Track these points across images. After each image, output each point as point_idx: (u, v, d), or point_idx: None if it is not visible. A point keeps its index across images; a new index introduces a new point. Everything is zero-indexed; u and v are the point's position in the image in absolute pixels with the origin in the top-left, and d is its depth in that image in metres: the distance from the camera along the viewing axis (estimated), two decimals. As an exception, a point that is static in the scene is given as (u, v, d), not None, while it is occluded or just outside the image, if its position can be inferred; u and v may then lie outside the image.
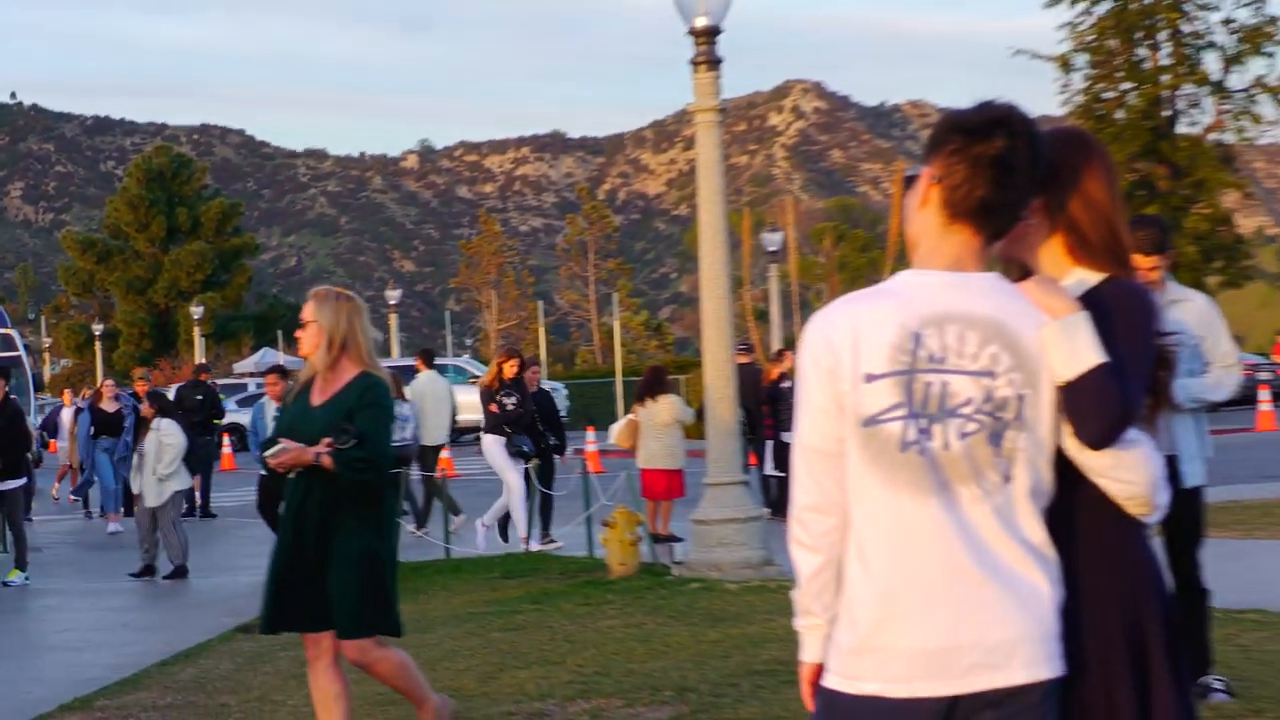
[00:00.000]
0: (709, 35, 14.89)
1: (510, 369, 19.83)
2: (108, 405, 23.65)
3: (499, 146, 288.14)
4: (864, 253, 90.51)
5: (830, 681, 3.55)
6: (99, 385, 27.54)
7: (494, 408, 19.02)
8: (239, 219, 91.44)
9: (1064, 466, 3.56)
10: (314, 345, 7.99)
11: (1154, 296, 3.80)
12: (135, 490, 18.41)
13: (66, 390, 33.80)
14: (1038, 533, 3.54)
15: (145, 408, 19.54)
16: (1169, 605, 3.80)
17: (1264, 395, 34.19)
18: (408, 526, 19.71)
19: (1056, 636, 3.51)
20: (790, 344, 25.86)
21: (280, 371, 21.21)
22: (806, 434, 3.56)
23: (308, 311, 8.07)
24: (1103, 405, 3.42)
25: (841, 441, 3.49)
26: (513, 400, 18.55)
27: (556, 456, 20.68)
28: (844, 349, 3.48)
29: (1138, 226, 8.66)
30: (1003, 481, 3.51)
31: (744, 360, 19.98)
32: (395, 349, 67.05)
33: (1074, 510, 3.63)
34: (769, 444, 22.46)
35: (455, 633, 12.90)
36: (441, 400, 23.93)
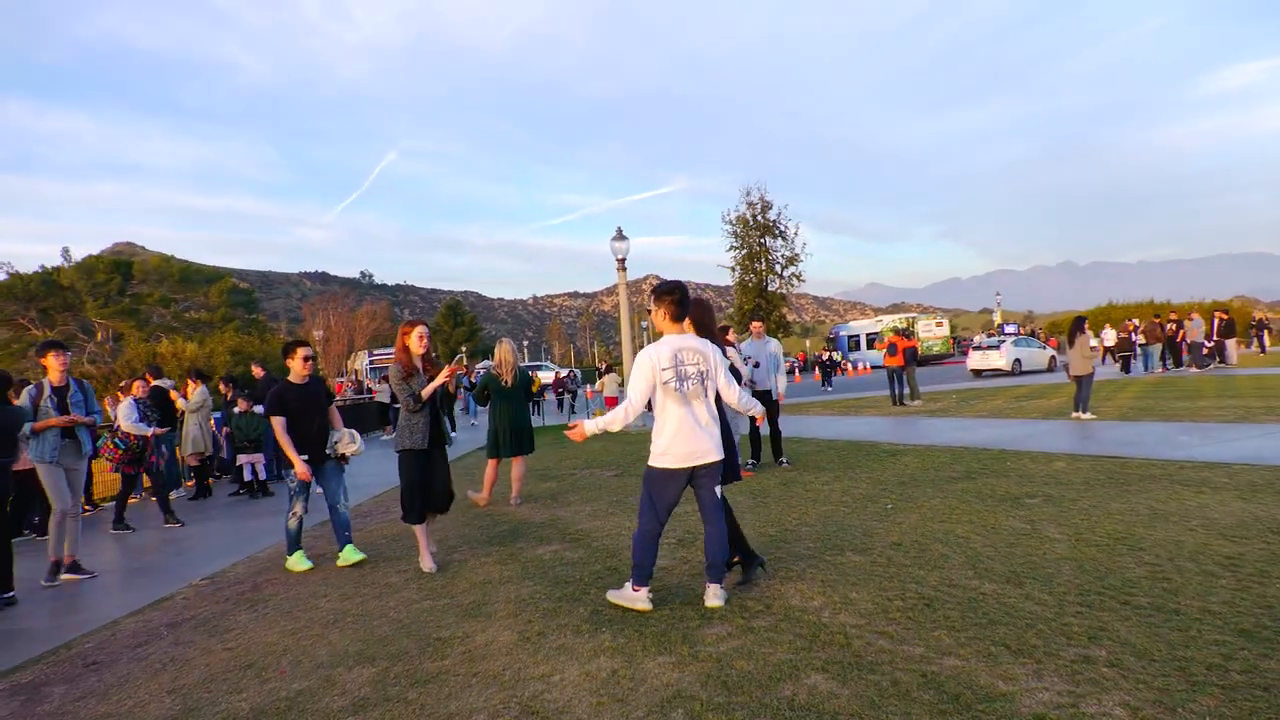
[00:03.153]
0: (621, 261, 18.08)
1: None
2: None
3: (554, 296, 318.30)
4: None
5: (651, 463, 4.62)
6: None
7: None
8: (476, 320, 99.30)
9: (717, 394, 4.80)
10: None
11: (729, 344, 5.51)
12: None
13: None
14: (714, 413, 4.70)
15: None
16: (733, 443, 5.15)
17: (795, 370, 40.83)
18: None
19: (721, 447, 4.67)
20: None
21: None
22: (642, 387, 4.62)
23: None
24: (727, 379, 4.80)
25: (652, 386, 4.58)
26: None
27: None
28: (655, 358, 4.59)
29: (753, 314, 11.15)
30: (705, 398, 4.64)
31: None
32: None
33: (720, 407, 4.88)
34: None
35: (548, 450, 13.55)
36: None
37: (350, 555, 6.65)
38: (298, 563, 6.69)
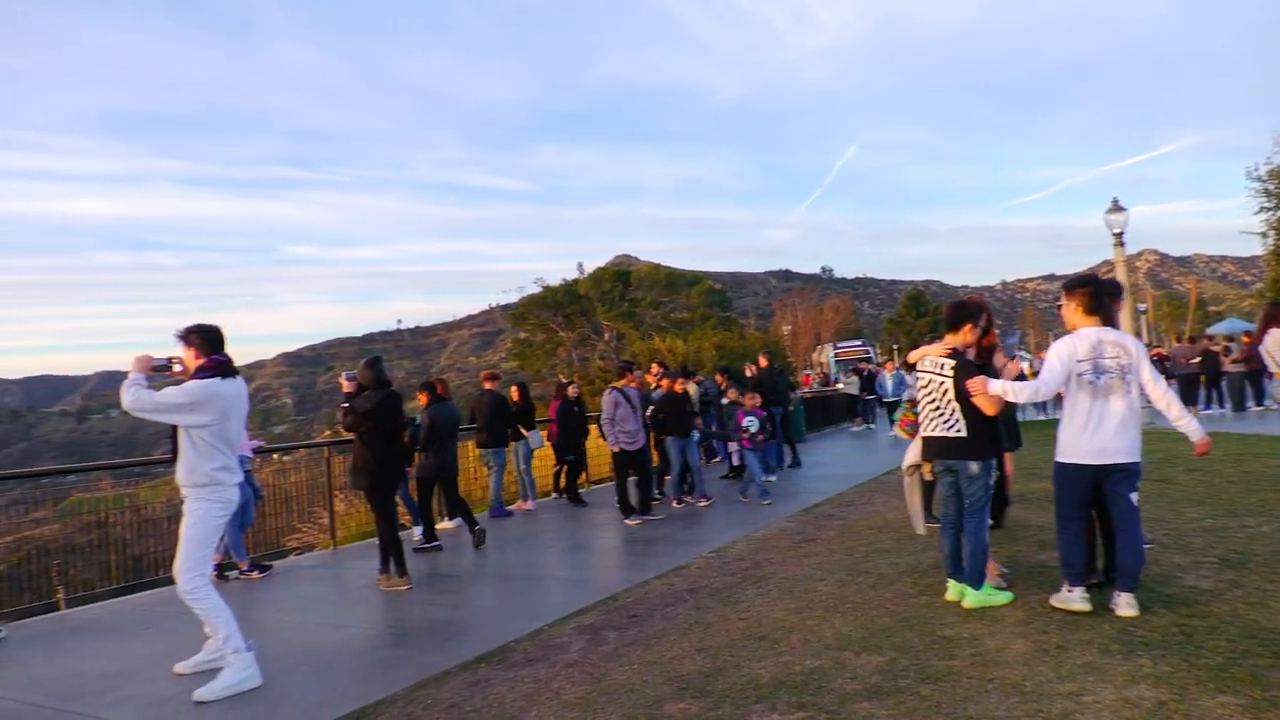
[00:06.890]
0: (1119, 235, 17.55)
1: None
2: None
3: (1026, 280, 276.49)
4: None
5: (1058, 459, 4.64)
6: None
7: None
8: (940, 309, 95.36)
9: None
10: None
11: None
12: None
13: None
14: (1135, 411, 4.56)
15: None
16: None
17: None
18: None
19: (1138, 450, 4.51)
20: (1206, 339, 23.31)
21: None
22: (1057, 374, 4.60)
23: None
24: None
25: (1067, 376, 4.58)
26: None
27: None
28: (1073, 348, 4.63)
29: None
30: (1125, 395, 4.53)
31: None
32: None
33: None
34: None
35: (1035, 448, 12.96)
36: None
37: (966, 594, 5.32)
38: (992, 598, 5.04)
